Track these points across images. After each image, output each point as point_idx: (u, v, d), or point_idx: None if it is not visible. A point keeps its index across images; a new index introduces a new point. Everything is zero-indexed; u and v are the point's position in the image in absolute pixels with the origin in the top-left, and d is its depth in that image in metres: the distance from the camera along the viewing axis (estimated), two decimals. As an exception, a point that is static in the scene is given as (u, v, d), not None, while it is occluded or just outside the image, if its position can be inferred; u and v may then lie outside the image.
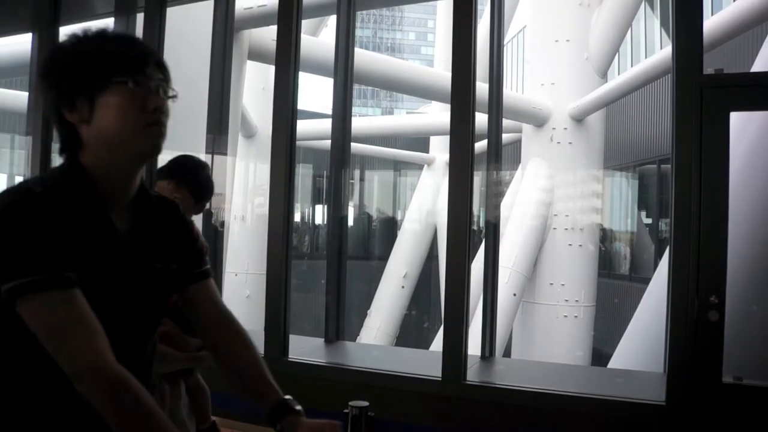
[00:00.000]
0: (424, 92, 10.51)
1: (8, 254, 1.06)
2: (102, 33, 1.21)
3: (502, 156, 5.67)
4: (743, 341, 3.59)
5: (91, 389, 1.04)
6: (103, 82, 1.15)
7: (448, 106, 3.73)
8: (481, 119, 4.57)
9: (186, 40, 5.12)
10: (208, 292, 1.37)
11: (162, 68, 1.22)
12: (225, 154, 5.04)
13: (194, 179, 2.22)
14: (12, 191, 1.12)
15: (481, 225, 5.83)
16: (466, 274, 3.51)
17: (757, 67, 5.18)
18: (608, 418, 3.16)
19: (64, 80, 1.16)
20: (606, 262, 13.58)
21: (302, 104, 4.19)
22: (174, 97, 1.22)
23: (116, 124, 1.16)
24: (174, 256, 1.31)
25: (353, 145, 5.82)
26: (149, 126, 1.18)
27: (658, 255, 11.86)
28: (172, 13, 4.53)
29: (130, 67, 1.17)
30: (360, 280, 14.87)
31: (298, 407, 1.27)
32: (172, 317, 1.90)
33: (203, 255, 1.40)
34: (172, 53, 4.52)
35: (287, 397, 1.29)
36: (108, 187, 1.19)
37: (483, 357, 4.21)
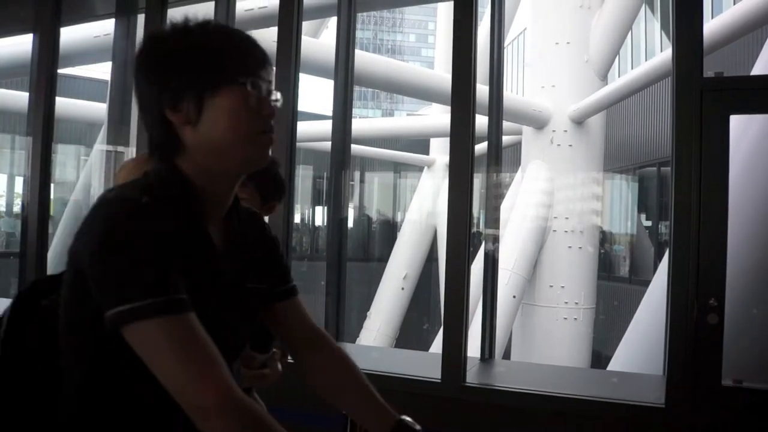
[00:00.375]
0: (425, 94, 10.51)
1: (116, 274, 0.92)
2: (210, 25, 1.07)
3: (502, 158, 5.68)
4: (743, 344, 3.59)
5: (220, 425, 0.91)
6: (218, 82, 1.01)
7: (449, 108, 3.74)
8: (482, 121, 4.57)
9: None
10: (297, 310, 1.25)
11: (271, 71, 1.10)
12: (225, 155, 5.03)
13: (261, 175, 1.98)
14: (116, 201, 0.98)
15: (481, 227, 5.83)
16: (466, 276, 3.51)
17: (757, 70, 5.19)
18: (608, 421, 3.15)
19: (172, 76, 1.02)
20: (606, 264, 13.58)
21: (302, 106, 4.19)
22: (279, 101, 1.09)
23: (228, 129, 1.02)
24: (263, 274, 1.19)
25: (353, 146, 5.82)
26: (262, 134, 1.05)
27: (658, 257, 11.86)
28: (173, 14, 4.53)
29: (247, 68, 1.04)
30: (360, 281, 14.87)
31: (418, 427, 1.18)
32: None
33: (289, 270, 1.28)
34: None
35: (404, 417, 1.19)
36: (208, 197, 1.06)
37: (482, 359, 4.20)
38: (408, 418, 1.19)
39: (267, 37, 6.95)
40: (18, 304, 1.11)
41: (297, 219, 18.43)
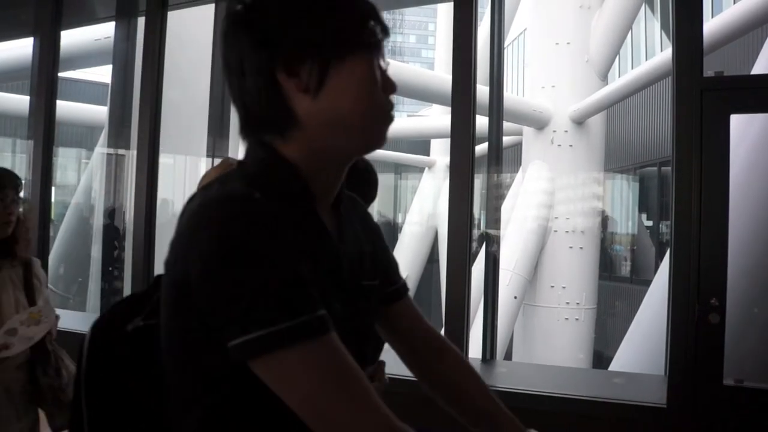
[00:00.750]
0: (425, 95, 10.52)
1: (238, 293, 0.72)
2: None
3: (503, 159, 5.69)
4: (744, 343, 3.59)
5: None
6: (350, 46, 0.84)
7: (449, 109, 3.74)
8: (482, 122, 4.58)
9: (187, 43, 5.13)
10: (412, 311, 1.11)
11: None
12: (226, 156, 5.04)
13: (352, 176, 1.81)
14: (224, 200, 0.78)
15: (482, 228, 5.84)
16: (467, 277, 3.51)
17: (757, 69, 5.19)
18: (609, 421, 3.15)
19: (293, 34, 0.82)
20: (607, 264, 13.58)
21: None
22: None
23: (357, 102, 0.85)
24: (375, 270, 1.02)
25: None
26: (387, 111, 0.89)
27: (659, 257, 11.86)
28: (173, 16, 4.54)
29: (378, 34, 0.87)
30: (361, 283, 14.84)
31: None
32: None
33: (398, 265, 1.12)
34: (173, 56, 4.54)
35: (533, 431, 1.08)
36: (318, 184, 0.88)
37: (484, 360, 4.20)
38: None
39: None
40: (98, 331, 0.93)
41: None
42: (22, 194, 2.13)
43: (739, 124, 3.42)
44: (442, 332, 3.68)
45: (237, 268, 0.72)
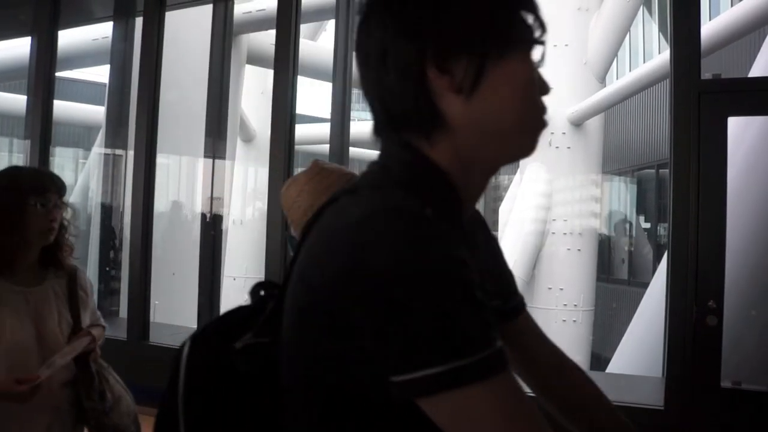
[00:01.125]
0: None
1: (421, 322, 0.62)
2: None
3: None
4: (742, 346, 3.59)
5: None
6: (510, 43, 0.74)
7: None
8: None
9: (185, 44, 5.13)
10: (533, 328, 1.06)
11: None
12: (223, 158, 5.04)
13: None
14: (397, 213, 0.66)
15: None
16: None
17: (754, 72, 5.19)
18: (607, 423, 3.15)
19: (447, 25, 0.73)
20: (605, 266, 13.59)
21: (301, 108, 4.20)
22: None
23: (513, 106, 0.75)
24: (497, 286, 0.95)
25: (352, 149, 5.84)
26: (542, 116, 0.79)
27: (657, 259, 11.87)
28: (171, 17, 4.53)
29: (538, 31, 0.77)
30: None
31: None
32: None
33: (515, 279, 1.05)
34: (171, 56, 4.53)
35: None
36: (464, 194, 0.78)
37: (481, 361, 4.20)
38: None
39: (265, 40, 6.97)
40: (199, 345, 0.82)
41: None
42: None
43: (737, 126, 3.42)
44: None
45: (418, 293, 0.62)
